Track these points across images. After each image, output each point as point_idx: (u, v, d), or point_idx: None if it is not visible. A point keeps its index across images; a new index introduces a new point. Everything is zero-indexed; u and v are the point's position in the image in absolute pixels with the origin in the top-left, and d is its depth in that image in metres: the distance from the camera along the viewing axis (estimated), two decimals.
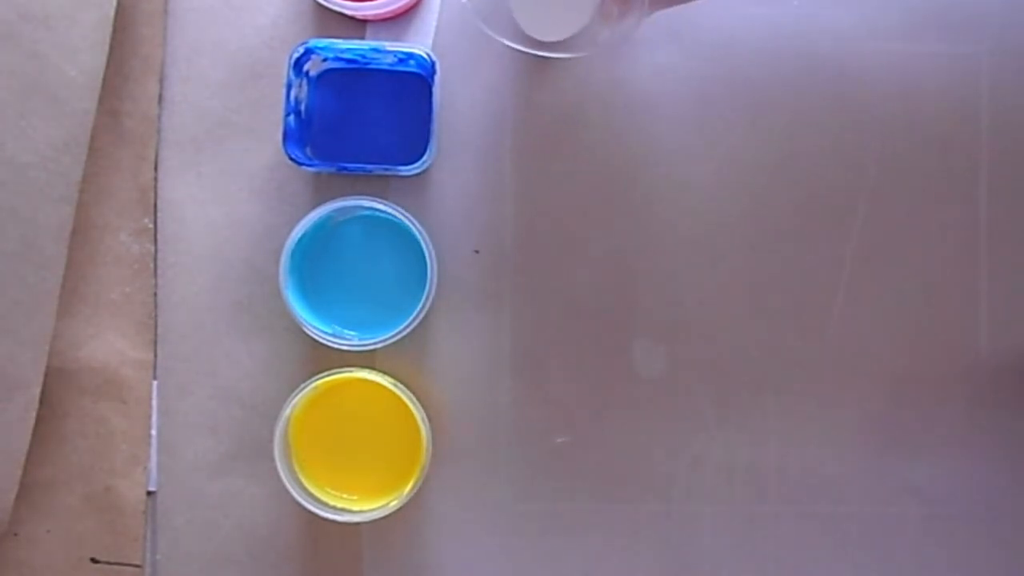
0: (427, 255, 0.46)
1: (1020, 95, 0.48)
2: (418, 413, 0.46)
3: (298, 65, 0.47)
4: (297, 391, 0.46)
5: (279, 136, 0.47)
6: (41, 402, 0.46)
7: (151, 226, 0.49)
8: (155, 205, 0.49)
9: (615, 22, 0.38)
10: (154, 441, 0.48)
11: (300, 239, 0.46)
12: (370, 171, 0.47)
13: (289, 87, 0.47)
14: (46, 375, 0.46)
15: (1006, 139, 0.48)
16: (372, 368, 0.47)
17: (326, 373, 0.46)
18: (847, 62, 0.48)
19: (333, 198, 0.46)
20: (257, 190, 0.49)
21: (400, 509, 0.46)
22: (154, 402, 0.49)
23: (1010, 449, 0.48)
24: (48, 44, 0.45)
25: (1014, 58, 0.48)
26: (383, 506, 0.46)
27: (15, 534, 0.48)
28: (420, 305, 0.46)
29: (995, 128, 0.48)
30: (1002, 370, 0.48)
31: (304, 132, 0.48)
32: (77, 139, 0.46)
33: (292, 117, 0.47)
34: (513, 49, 0.42)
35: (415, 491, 0.46)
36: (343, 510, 0.46)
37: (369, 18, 0.49)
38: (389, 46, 0.47)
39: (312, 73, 0.48)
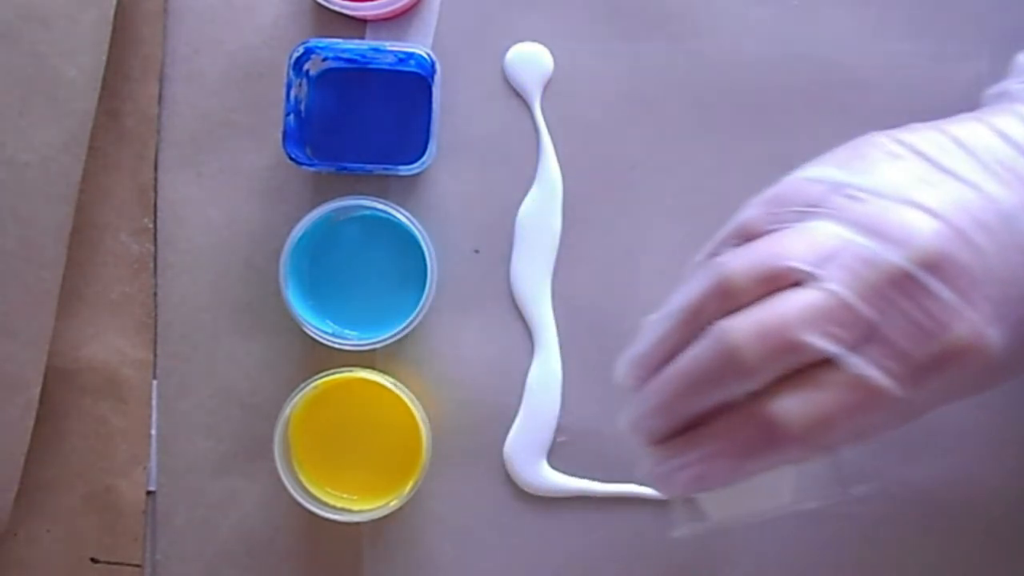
0: (427, 255, 0.46)
1: None
2: (418, 413, 0.46)
3: (298, 65, 0.47)
4: (297, 391, 0.46)
5: (279, 136, 0.47)
6: (41, 402, 0.46)
7: (151, 226, 0.49)
8: (155, 205, 0.49)
9: None
10: (154, 441, 0.48)
11: (300, 239, 0.46)
12: (370, 171, 0.47)
13: (289, 87, 0.47)
14: (46, 375, 0.46)
15: None
16: (372, 368, 0.47)
17: (326, 373, 0.46)
18: (847, 62, 0.48)
19: (333, 198, 0.46)
20: (257, 190, 0.49)
21: (400, 509, 0.46)
22: (154, 402, 0.49)
23: (1010, 449, 0.48)
24: (48, 44, 0.45)
25: None
26: (383, 506, 0.46)
27: (15, 534, 0.48)
28: (420, 305, 0.46)
29: None
30: None
31: (304, 132, 0.48)
32: (77, 139, 0.46)
33: (292, 117, 0.47)
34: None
35: (415, 491, 0.46)
36: (343, 510, 0.46)
37: (369, 18, 0.49)
38: (389, 46, 0.47)
39: (312, 73, 0.48)
